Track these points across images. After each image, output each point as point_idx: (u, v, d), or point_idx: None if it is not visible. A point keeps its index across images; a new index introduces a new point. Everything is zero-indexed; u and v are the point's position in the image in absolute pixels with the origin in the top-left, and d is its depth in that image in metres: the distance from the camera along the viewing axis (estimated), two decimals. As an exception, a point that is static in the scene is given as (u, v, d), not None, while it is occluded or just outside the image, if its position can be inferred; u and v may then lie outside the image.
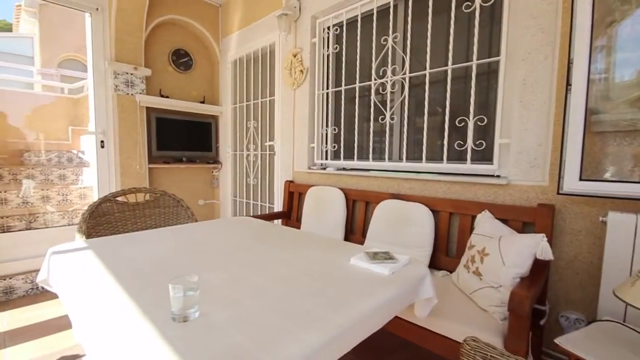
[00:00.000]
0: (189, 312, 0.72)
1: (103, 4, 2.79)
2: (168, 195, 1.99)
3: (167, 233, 1.53)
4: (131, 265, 1.08)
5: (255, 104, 3.31)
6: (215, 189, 3.88)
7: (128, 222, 1.82)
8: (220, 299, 0.84)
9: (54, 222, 3.13)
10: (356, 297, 0.89)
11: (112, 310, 0.78)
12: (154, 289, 0.90)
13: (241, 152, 3.54)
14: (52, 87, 6.79)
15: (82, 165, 4.49)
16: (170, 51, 3.35)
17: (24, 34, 8.73)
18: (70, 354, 1.73)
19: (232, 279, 0.99)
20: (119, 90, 2.90)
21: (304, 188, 2.62)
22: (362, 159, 2.37)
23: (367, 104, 2.34)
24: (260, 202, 3.33)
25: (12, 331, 1.98)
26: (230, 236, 1.52)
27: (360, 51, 2.31)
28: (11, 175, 3.77)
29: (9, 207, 3.24)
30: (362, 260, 1.11)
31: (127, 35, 2.89)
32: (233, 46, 3.47)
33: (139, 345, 0.65)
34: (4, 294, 2.36)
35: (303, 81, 2.65)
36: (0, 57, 6.91)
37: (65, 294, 0.99)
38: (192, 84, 3.56)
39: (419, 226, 1.80)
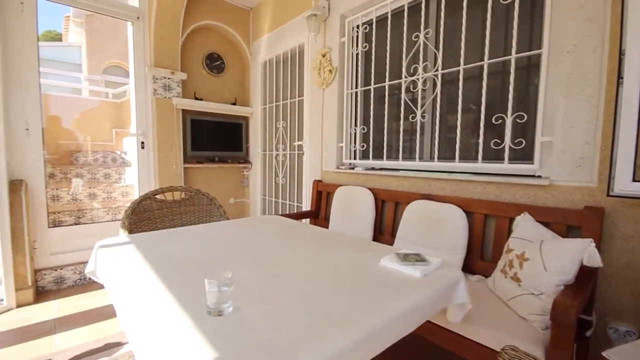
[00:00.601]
0: (223, 306, 0.74)
1: (143, 13, 2.96)
2: (202, 193, 2.08)
3: (202, 230, 1.60)
4: (169, 260, 1.14)
5: (284, 105, 3.37)
6: (245, 188, 3.99)
7: (166, 219, 1.92)
8: (253, 295, 0.87)
9: (99, 217, 3.36)
10: (387, 298, 0.87)
11: (153, 302, 0.83)
12: (190, 283, 0.94)
13: (270, 152, 3.61)
14: (97, 92, 7.31)
15: (124, 165, 4.79)
16: (204, 55, 3.48)
17: (72, 43, 9.46)
18: (113, 341, 1.85)
19: (264, 276, 1.01)
20: (158, 94, 3.07)
21: (332, 187, 2.63)
22: (391, 159, 2.33)
23: (396, 102, 2.30)
24: (288, 201, 3.38)
25: (62, 318, 2.15)
26: (261, 234, 1.55)
27: (390, 49, 2.28)
28: (62, 174, 4.10)
29: (60, 203, 3.54)
30: (393, 262, 1.09)
31: (165, 41, 3.04)
32: (263, 48, 3.55)
33: (177, 335, 0.68)
34: (56, 283, 2.58)
35: (332, 81, 2.65)
36: (52, 65, 7.54)
37: (111, 285, 1.06)
38: (224, 86, 3.68)
39: (451, 228, 1.74)
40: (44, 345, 1.83)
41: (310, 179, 2.92)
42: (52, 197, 3.44)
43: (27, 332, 1.97)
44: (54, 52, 8.89)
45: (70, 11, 8.50)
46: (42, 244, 2.54)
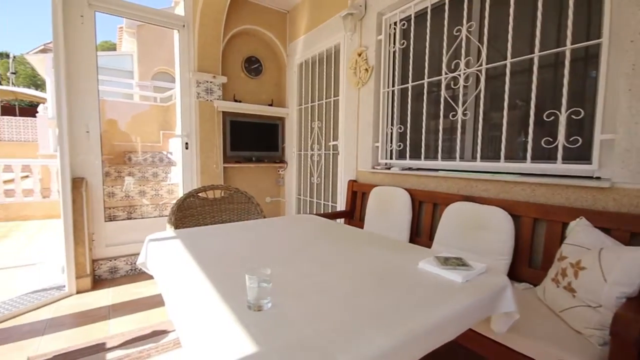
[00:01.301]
0: (262, 302, 0.76)
1: (188, 21, 3.13)
2: (240, 192, 2.15)
3: (240, 227, 1.66)
4: (211, 255, 1.19)
5: (319, 105, 3.39)
6: (281, 187, 4.07)
7: (207, 216, 2.01)
8: (291, 292, 0.88)
9: (148, 213, 3.62)
10: (427, 302, 0.85)
11: (198, 294, 0.87)
12: (230, 278, 0.98)
13: (305, 152, 3.65)
14: (147, 97, 7.87)
15: (170, 164, 5.12)
16: (243, 59, 3.61)
17: (125, 52, 10.27)
18: (160, 329, 1.98)
19: (301, 274, 1.02)
20: (200, 97, 3.23)
21: (367, 188, 2.60)
22: (429, 159, 2.26)
23: (436, 100, 2.22)
24: (323, 200, 3.40)
25: (115, 305, 2.34)
26: (297, 233, 1.57)
27: (430, 45, 2.20)
28: (117, 173, 4.47)
29: (114, 199, 3.85)
30: (432, 265, 1.05)
31: (208, 47, 3.19)
32: (299, 50, 3.60)
33: (220, 327, 0.71)
34: (110, 272, 2.81)
35: (368, 80, 2.62)
36: (108, 73, 8.23)
37: (160, 276, 1.14)
38: (262, 88, 3.79)
39: (495, 232, 1.64)
40: (100, 329, 2.00)
41: (345, 179, 2.91)
42: (108, 194, 3.76)
43: (85, 317, 2.17)
44: (109, 60, 9.71)
45: (124, 22, 9.22)
46: (99, 237, 2.79)
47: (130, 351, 1.76)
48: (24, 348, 1.79)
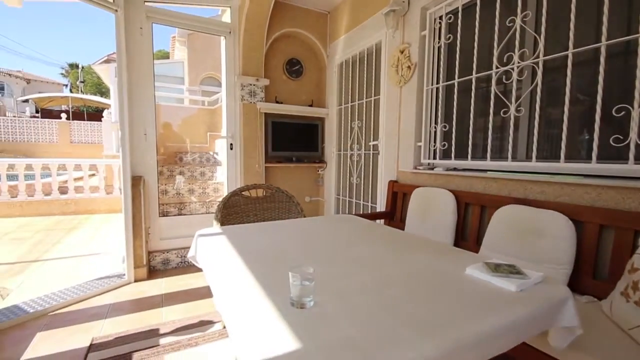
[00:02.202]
0: (305, 300, 0.77)
1: (234, 28, 3.28)
2: (282, 191, 2.20)
3: (281, 226, 1.70)
4: (255, 252, 1.24)
5: (359, 105, 3.36)
6: (320, 187, 4.10)
7: (250, 214, 2.09)
8: (332, 292, 0.88)
9: (196, 210, 3.85)
10: (475, 311, 0.80)
11: (243, 288, 0.91)
12: (273, 274, 1.01)
13: (345, 152, 3.64)
14: (195, 100, 8.38)
15: (216, 164, 5.40)
16: (284, 61, 3.70)
17: (177, 60, 11.03)
18: (207, 319, 2.10)
19: (342, 274, 1.02)
20: (244, 99, 3.36)
21: (408, 188, 2.52)
22: (477, 158, 2.13)
23: (484, 96, 2.09)
24: (362, 201, 3.37)
25: (167, 294, 2.52)
26: (337, 232, 1.58)
27: (479, 38, 2.08)
28: (169, 172, 4.81)
29: (167, 196, 4.15)
30: (481, 271, 0.99)
31: (252, 51, 3.32)
32: (339, 50, 3.60)
33: (265, 322, 0.73)
34: (163, 264, 3.03)
35: (410, 77, 2.54)
36: (162, 80, 8.90)
37: (208, 270, 1.20)
38: (302, 89, 3.85)
39: (553, 239, 1.51)
40: (154, 316, 2.17)
41: (386, 179, 2.86)
42: (162, 191, 4.05)
43: (142, 303, 2.36)
44: (163, 68, 10.48)
45: (176, 32, 9.90)
46: (154, 231, 3.02)
47: (180, 338, 1.89)
48: (90, 329, 2.00)
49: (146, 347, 1.80)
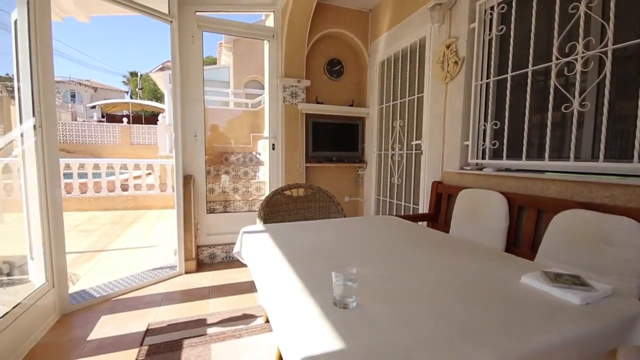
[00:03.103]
0: (348, 300, 0.77)
1: (277, 32, 3.37)
2: (322, 191, 2.22)
3: (322, 225, 1.71)
4: (297, 250, 1.26)
5: (402, 103, 3.27)
6: (359, 187, 4.07)
7: (291, 213, 2.13)
8: (375, 294, 0.87)
9: (239, 208, 4.01)
10: (534, 323, 0.74)
11: (286, 285, 0.93)
12: (315, 273, 1.02)
13: (386, 152, 3.57)
14: (239, 103, 8.75)
15: (258, 164, 5.59)
16: (325, 62, 3.72)
17: (223, 65, 11.60)
18: (250, 313, 2.18)
19: (385, 276, 1.00)
20: (286, 101, 3.44)
21: (454, 190, 2.41)
22: (532, 158, 1.97)
23: (542, 90, 1.93)
24: (404, 202, 3.28)
25: (213, 287, 2.66)
26: (378, 234, 1.55)
27: (536, 28, 1.92)
28: (215, 171, 5.07)
29: (213, 194, 4.38)
30: (539, 281, 0.92)
31: (294, 54, 3.38)
32: (381, 48, 3.54)
33: (308, 319, 0.74)
34: (210, 258, 3.21)
35: (457, 73, 2.42)
36: (210, 84, 9.41)
37: (253, 265, 1.25)
38: (343, 89, 3.84)
39: (624, 248, 1.34)
40: (201, 307, 2.30)
41: (429, 180, 2.75)
42: (209, 190, 4.29)
43: (191, 294, 2.52)
44: (211, 73, 11.08)
45: (223, 38, 10.42)
46: (202, 226, 3.21)
47: (225, 329, 1.98)
48: (146, 315, 2.17)
49: (195, 335, 1.92)
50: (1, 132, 5.44)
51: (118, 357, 1.73)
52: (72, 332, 1.97)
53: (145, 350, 1.77)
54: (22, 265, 2.34)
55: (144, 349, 1.79)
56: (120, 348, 1.81)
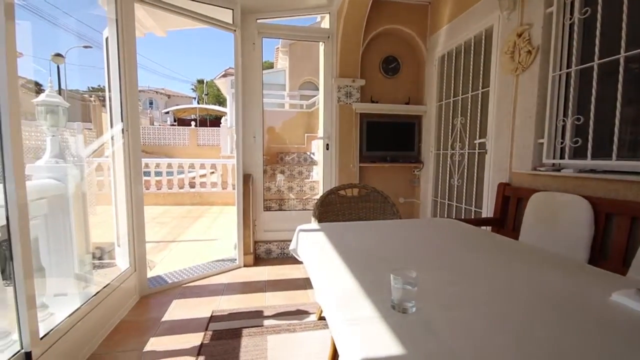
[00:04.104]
0: (407, 304, 0.74)
1: (332, 32, 3.40)
2: (377, 192, 2.18)
3: (377, 226, 1.68)
4: (352, 249, 1.25)
5: (463, 99, 3.07)
6: (415, 188, 3.91)
7: (345, 212, 2.13)
8: (435, 300, 0.83)
9: (293, 206, 4.13)
10: (629, 350, 0.63)
11: (342, 285, 0.93)
12: (371, 274, 1.00)
13: (445, 151, 3.38)
14: (294, 105, 9.02)
15: (312, 164, 5.70)
16: (380, 60, 3.65)
17: (279, 69, 12.06)
18: (303, 309, 2.23)
19: (446, 283, 0.95)
20: (341, 101, 3.45)
21: (525, 192, 2.18)
22: (625, 158, 1.70)
23: (636, 79, 1.65)
24: (464, 204, 3.07)
25: (269, 281, 2.78)
26: (438, 237, 1.47)
27: (629, 7, 1.65)
28: (271, 171, 5.29)
29: (269, 193, 4.57)
30: (634, 300, 0.79)
31: (349, 54, 3.38)
32: (441, 41, 3.36)
33: (365, 321, 0.73)
34: (266, 253, 3.36)
35: (530, 63, 2.19)
36: (267, 88, 9.85)
37: (308, 262, 1.28)
38: (398, 87, 3.73)
39: None
40: (258, 299, 2.42)
41: (494, 181, 2.53)
42: (265, 188, 4.49)
43: (249, 287, 2.66)
44: (268, 77, 11.60)
45: (280, 43, 10.84)
46: (259, 223, 3.37)
47: (280, 322, 2.06)
48: (210, 303, 2.35)
49: (253, 325, 2.02)
50: (95, 135, 6.30)
51: (187, 338, 1.90)
52: (149, 313, 2.22)
53: (210, 335, 1.92)
54: (111, 251, 2.70)
55: (208, 333, 1.94)
56: (188, 330, 1.99)
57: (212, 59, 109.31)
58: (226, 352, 1.76)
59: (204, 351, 1.77)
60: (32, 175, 1.61)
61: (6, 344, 1.39)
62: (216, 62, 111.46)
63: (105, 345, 1.85)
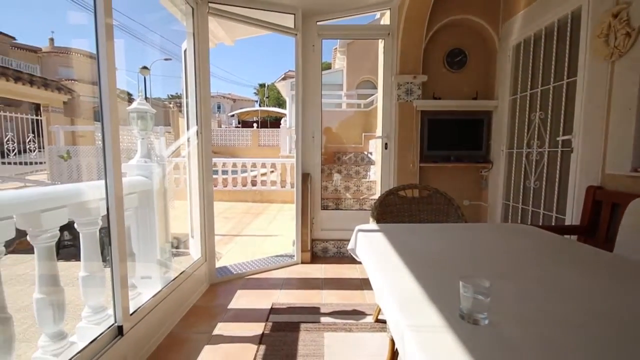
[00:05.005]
0: (479, 315, 0.69)
1: (393, 29, 3.30)
2: (440, 193, 2.06)
3: (441, 229, 1.59)
4: (415, 253, 1.20)
5: (543, 92, 2.74)
6: (482, 190, 3.61)
7: (405, 214, 2.06)
8: (511, 314, 0.75)
9: (350, 206, 4.13)
10: None
11: (405, 289, 0.90)
12: (436, 280, 0.95)
13: (519, 150, 3.06)
14: (351, 104, 9.00)
15: (369, 163, 5.63)
16: (445, 54, 3.44)
17: (337, 69, 12.13)
18: (360, 310, 2.22)
19: (523, 295, 0.86)
20: (401, 99, 3.34)
21: (621, 198, 1.87)
22: None
23: None
24: (542, 209, 2.74)
25: (325, 279, 2.81)
26: (511, 244, 1.34)
27: None
28: (328, 170, 5.35)
29: (326, 192, 4.63)
30: None
31: (410, 49, 3.25)
32: (516, 29, 3.04)
33: (431, 329, 0.70)
34: (322, 252, 3.40)
35: (629, 48, 1.87)
36: (325, 88, 9.99)
37: (367, 263, 1.26)
38: (464, 81, 3.48)
39: None
40: (315, 296, 2.46)
41: (582, 184, 2.22)
42: (322, 187, 4.57)
43: (306, 283, 2.73)
44: (325, 78, 11.75)
45: (337, 43, 10.90)
46: (316, 221, 3.43)
47: (336, 321, 2.07)
48: (270, 295, 2.46)
49: (310, 321, 2.07)
50: (173, 138, 6.99)
51: (250, 326, 2.02)
52: (217, 300, 2.41)
53: (270, 326, 2.01)
54: (185, 241, 3.00)
55: (269, 324, 2.04)
56: (251, 319, 2.11)
57: (273, 62, 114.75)
58: (285, 343, 1.83)
59: (265, 340, 1.86)
60: (126, 172, 1.86)
61: (102, 318, 1.63)
62: (277, 66, 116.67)
63: (180, 325, 2.06)
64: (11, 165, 7.28)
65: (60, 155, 5.31)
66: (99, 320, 1.61)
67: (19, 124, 7.55)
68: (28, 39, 54.85)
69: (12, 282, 2.86)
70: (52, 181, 5.48)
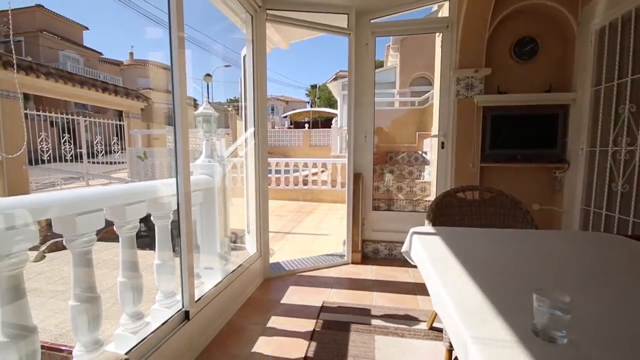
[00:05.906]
0: (556, 333, 0.62)
1: (452, 20, 3.12)
2: (505, 195, 1.90)
3: (508, 235, 1.46)
4: (477, 259, 1.12)
5: (634, 81, 2.36)
6: (556, 194, 3.24)
7: (464, 217, 1.93)
8: (595, 334, 0.66)
9: (402, 207, 4.00)
10: None
11: (467, 298, 0.84)
12: (502, 290, 0.88)
13: (603, 149, 2.68)
14: (404, 102, 8.71)
15: (424, 163, 5.40)
16: (512, 43, 3.15)
17: (389, 67, 11.84)
18: (413, 315, 2.14)
19: (611, 313, 0.75)
20: (460, 94, 3.14)
21: None
22: None
23: None
24: (632, 217, 2.36)
25: (376, 280, 2.76)
26: (598, 256, 1.18)
27: None
28: (380, 170, 5.25)
29: (378, 192, 4.55)
30: None
31: (471, 41, 3.04)
32: (600, 10, 2.67)
33: (498, 344, 0.64)
34: (373, 253, 3.35)
35: None
36: (377, 87, 9.81)
37: (423, 268, 1.21)
38: (535, 73, 3.15)
39: None
40: (365, 297, 2.43)
41: (688, 188, 1.87)
42: (374, 187, 4.49)
43: (356, 283, 2.71)
44: (378, 76, 11.55)
45: (390, 40, 10.63)
46: (367, 222, 3.39)
47: (387, 324, 2.02)
48: (321, 293, 2.49)
49: (360, 322, 2.05)
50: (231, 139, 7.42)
51: (301, 322, 2.07)
52: (271, 294, 2.51)
53: (321, 324, 2.04)
54: (242, 237, 3.18)
55: (319, 321, 2.06)
56: (302, 315, 2.16)
57: (324, 64, 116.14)
58: (335, 342, 1.84)
59: (316, 337, 1.89)
60: (192, 171, 2.03)
61: (172, 302, 1.80)
62: (328, 67, 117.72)
63: (238, 315, 2.19)
64: (99, 165, 8.44)
65: (138, 156, 6.00)
66: (169, 304, 1.78)
67: (105, 129, 8.72)
68: (112, 53, 63.37)
69: (98, 266, 3.31)
70: (131, 179, 6.24)
